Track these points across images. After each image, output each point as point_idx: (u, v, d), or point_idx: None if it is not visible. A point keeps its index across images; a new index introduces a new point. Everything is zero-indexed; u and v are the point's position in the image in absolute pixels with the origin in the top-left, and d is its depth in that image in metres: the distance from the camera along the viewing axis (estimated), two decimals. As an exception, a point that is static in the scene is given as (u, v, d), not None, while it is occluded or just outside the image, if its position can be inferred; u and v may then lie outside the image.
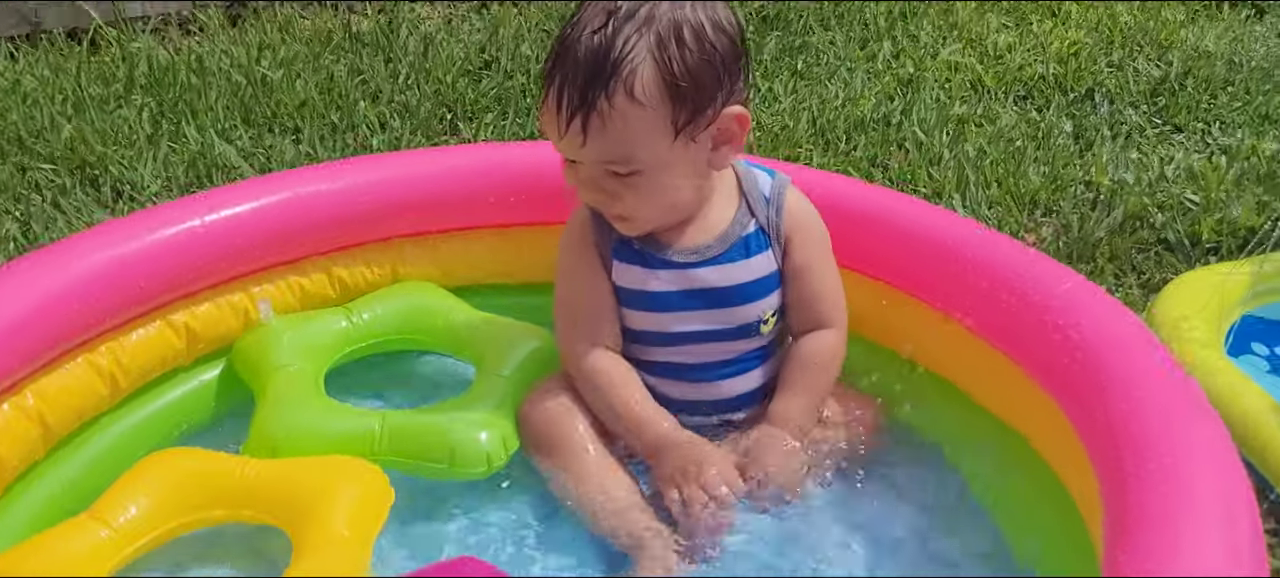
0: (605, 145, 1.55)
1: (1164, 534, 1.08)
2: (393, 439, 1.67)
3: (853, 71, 3.69)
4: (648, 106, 1.52)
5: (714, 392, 1.76)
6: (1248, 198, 2.64)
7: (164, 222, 1.76)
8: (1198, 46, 3.79)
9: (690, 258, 1.70)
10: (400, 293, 2.00)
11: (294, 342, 1.84)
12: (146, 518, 1.51)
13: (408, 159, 2.09)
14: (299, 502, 1.52)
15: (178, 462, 1.59)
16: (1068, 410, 1.43)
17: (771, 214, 1.73)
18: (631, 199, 1.61)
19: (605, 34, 1.52)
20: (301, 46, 3.89)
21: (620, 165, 1.57)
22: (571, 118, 1.52)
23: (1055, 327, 1.47)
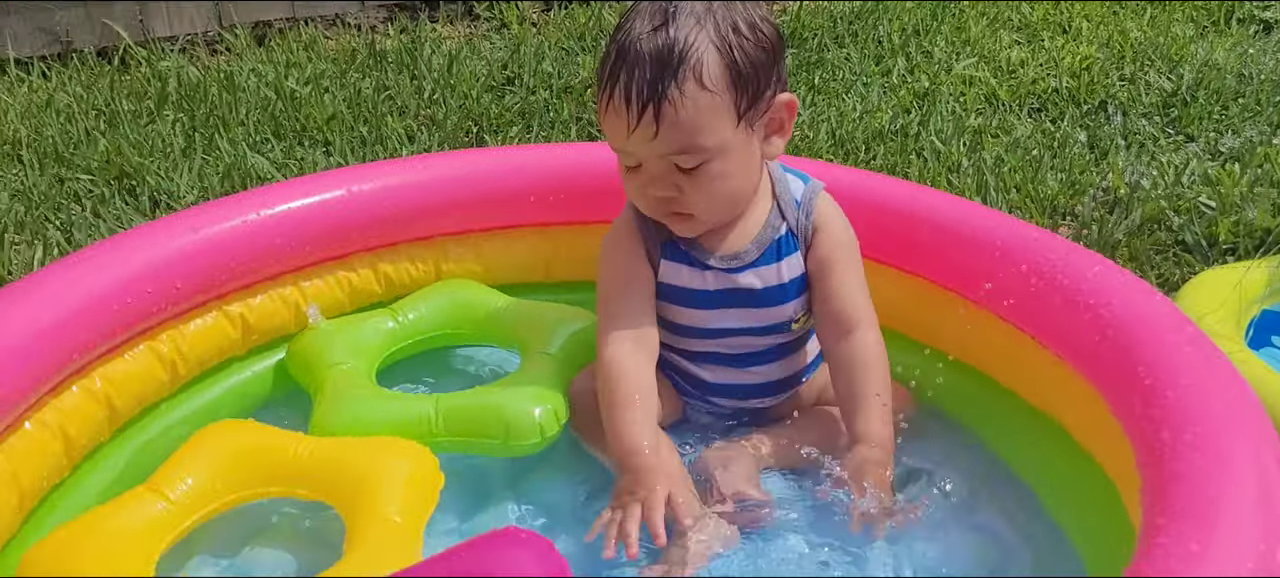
0: (676, 135, 1.59)
1: (1202, 500, 1.13)
2: (447, 420, 1.72)
3: (869, 86, 3.76)
4: (715, 93, 1.58)
5: (742, 377, 1.83)
6: (1263, 201, 2.70)
7: (228, 214, 1.82)
8: (1208, 60, 3.86)
9: (732, 263, 1.76)
10: (442, 290, 2.06)
11: (345, 342, 1.90)
12: (202, 491, 1.56)
13: (453, 160, 2.14)
14: (351, 482, 1.56)
15: (234, 436, 1.63)
16: (1102, 388, 1.47)
17: (801, 217, 1.78)
18: (696, 192, 1.64)
19: (666, 30, 1.58)
20: (327, 64, 3.97)
21: (689, 156, 1.61)
22: (643, 110, 1.57)
23: (1086, 306, 1.52)
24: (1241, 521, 1.08)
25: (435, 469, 1.63)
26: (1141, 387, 1.33)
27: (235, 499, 1.60)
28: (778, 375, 1.85)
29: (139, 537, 1.48)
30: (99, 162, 3.16)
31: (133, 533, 1.48)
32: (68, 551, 1.42)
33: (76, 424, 1.62)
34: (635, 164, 1.66)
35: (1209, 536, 1.05)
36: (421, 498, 1.58)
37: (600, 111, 1.65)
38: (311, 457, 1.61)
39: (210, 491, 1.57)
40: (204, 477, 1.57)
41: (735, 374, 1.83)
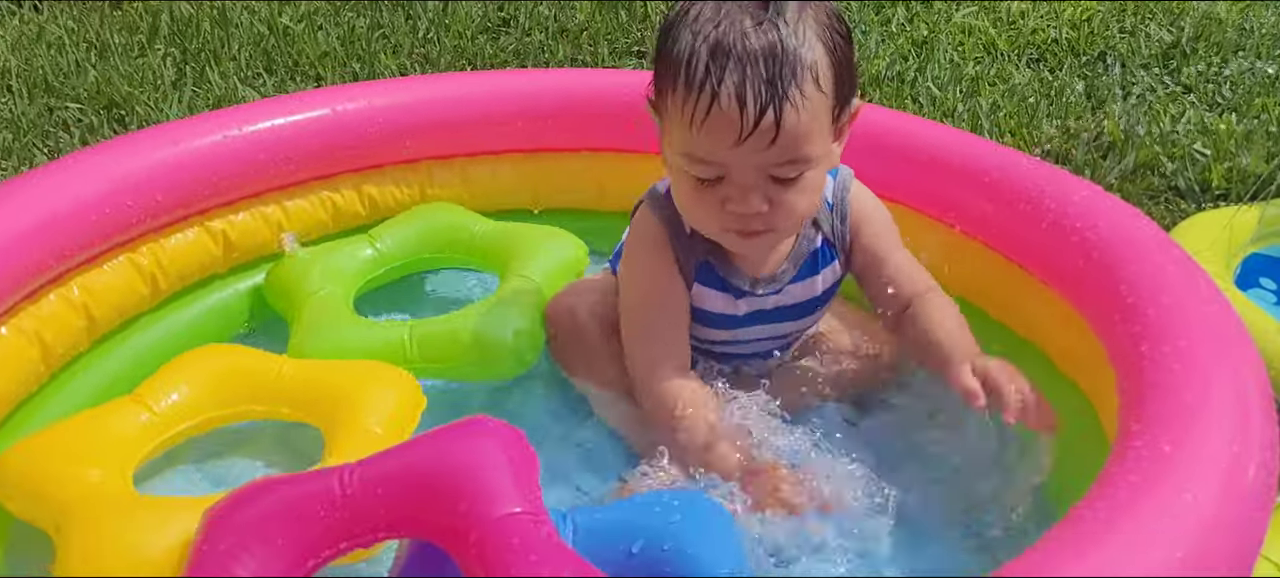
0: (792, 142, 1.43)
1: (1176, 407, 1.12)
2: (422, 346, 1.71)
3: (867, 33, 3.73)
4: (826, 95, 1.45)
5: (763, 355, 1.77)
6: (1257, 147, 2.68)
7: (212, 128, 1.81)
8: (1209, 13, 3.82)
9: (768, 288, 1.66)
10: (420, 214, 2.04)
11: (323, 269, 1.88)
12: (187, 406, 1.56)
13: (439, 82, 2.12)
14: (333, 401, 1.56)
15: (220, 357, 1.64)
16: (1083, 309, 1.47)
17: (836, 222, 1.68)
18: (784, 207, 1.49)
19: (776, 26, 1.43)
20: (322, 2, 3.94)
21: (793, 166, 1.46)
22: (761, 114, 1.40)
23: (1073, 230, 1.51)
24: (1214, 425, 1.08)
25: (417, 391, 1.62)
26: (1123, 304, 1.32)
27: (218, 416, 1.60)
28: (798, 338, 1.80)
29: (120, 443, 1.48)
30: (88, 92, 3.14)
31: (114, 438, 1.48)
32: (48, 449, 1.43)
33: (53, 331, 1.61)
34: (717, 177, 1.48)
35: (1181, 437, 1.05)
36: (403, 417, 1.57)
37: (687, 118, 1.44)
38: (294, 378, 1.61)
39: (194, 406, 1.58)
40: (188, 392, 1.58)
41: (757, 362, 1.77)
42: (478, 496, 1.12)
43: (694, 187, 1.50)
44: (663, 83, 1.50)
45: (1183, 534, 0.98)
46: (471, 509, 1.11)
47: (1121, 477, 1.02)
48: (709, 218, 1.52)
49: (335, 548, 1.16)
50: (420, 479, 1.15)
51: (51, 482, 1.37)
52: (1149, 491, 1.00)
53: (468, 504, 1.12)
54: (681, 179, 1.52)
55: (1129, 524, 0.97)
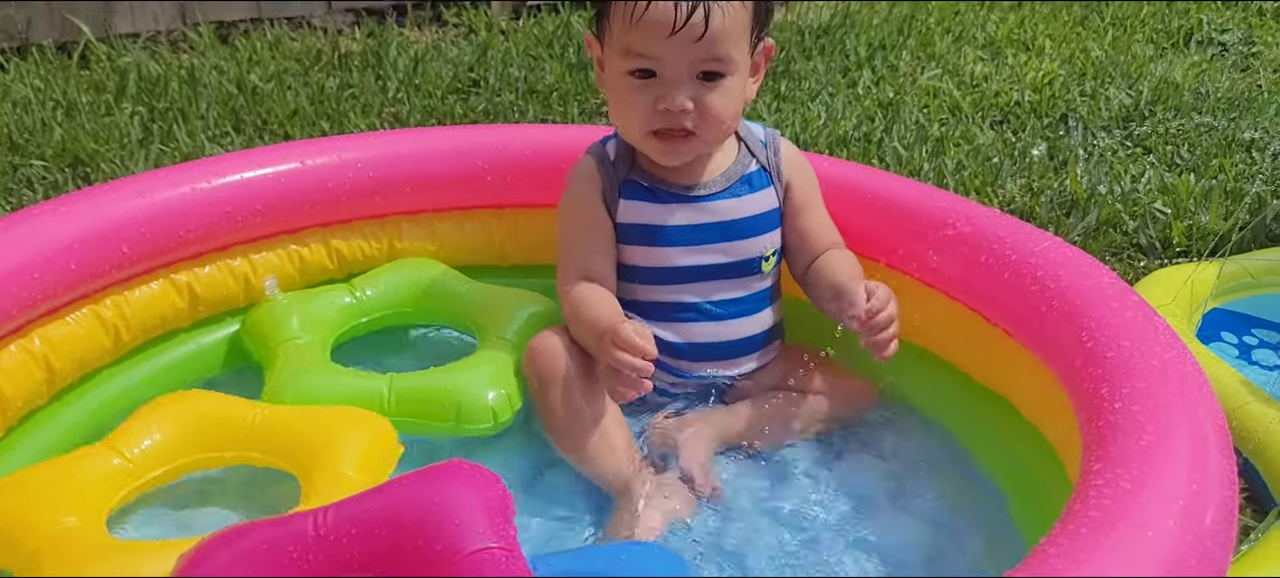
0: (717, 38, 1.64)
1: (1136, 447, 1.13)
2: (400, 400, 1.70)
3: (834, 96, 3.78)
4: (745, 9, 1.67)
5: (721, 332, 1.82)
6: (1215, 207, 2.74)
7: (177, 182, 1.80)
8: (1166, 78, 3.92)
9: (699, 192, 1.80)
10: (401, 268, 2.04)
11: (300, 316, 1.88)
12: (159, 452, 1.55)
13: (408, 137, 2.13)
14: (308, 447, 1.55)
15: (193, 402, 1.62)
16: (1045, 355, 1.48)
17: (770, 155, 1.86)
18: (709, 107, 1.68)
19: None
20: (291, 62, 3.96)
21: (718, 63, 1.67)
22: (692, 10, 1.62)
23: (1033, 278, 1.53)
24: (1173, 463, 1.09)
25: (393, 437, 1.61)
26: (1084, 350, 1.34)
27: (191, 462, 1.59)
28: (756, 328, 1.84)
29: (92, 489, 1.47)
30: (54, 150, 3.12)
31: (86, 484, 1.47)
32: (18, 494, 1.41)
33: (14, 383, 1.59)
34: (650, 72, 1.68)
35: (1142, 475, 1.05)
36: (379, 463, 1.56)
37: (627, 17, 1.65)
38: (268, 423, 1.60)
39: (167, 452, 1.56)
40: (161, 438, 1.57)
41: (712, 330, 1.81)
42: (451, 532, 1.12)
43: (629, 87, 1.70)
44: (604, 4, 1.70)
45: (1144, 568, 0.98)
46: (445, 546, 1.11)
47: (1083, 513, 1.02)
48: (640, 116, 1.71)
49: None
50: (394, 518, 1.14)
51: (22, 527, 1.35)
52: (1110, 526, 1.00)
53: (442, 542, 1.11)
54: (618, 83, 1.72)
55: (1091, 559, 0.97)
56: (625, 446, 1.67)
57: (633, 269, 1.82)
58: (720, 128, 1.73)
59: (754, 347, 1.85)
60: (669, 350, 1.82)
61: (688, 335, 1.82)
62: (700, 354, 1.83)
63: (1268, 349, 2.26)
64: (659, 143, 1.73)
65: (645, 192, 1.80)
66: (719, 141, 1.79)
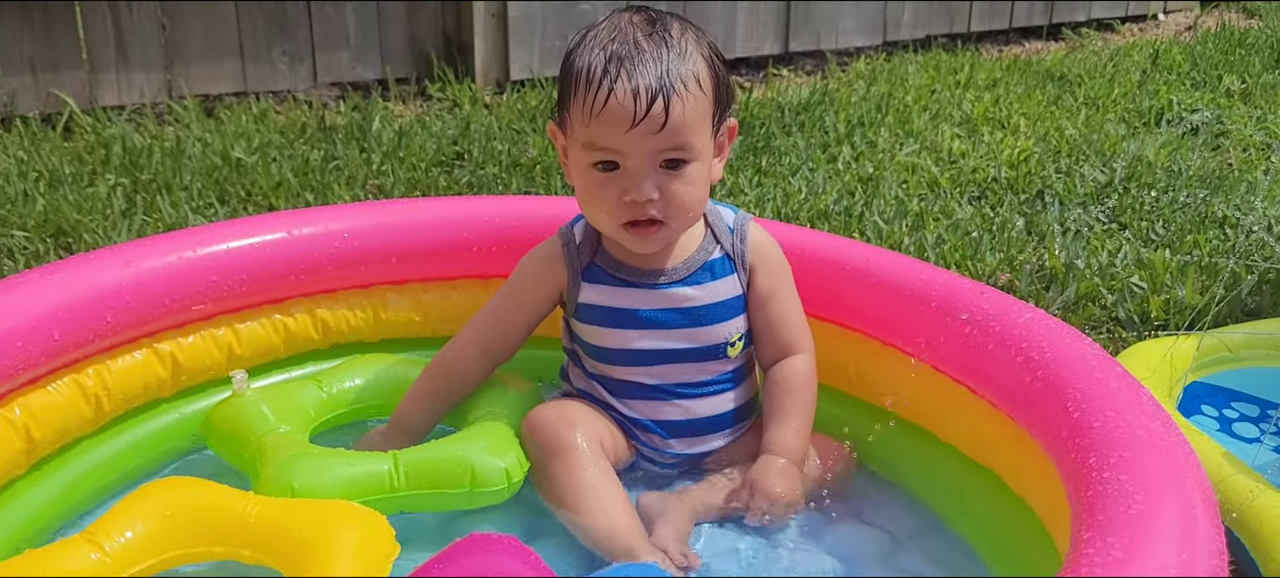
0: (678, 128, 1.64)
1: (1126, 515, 1.14)
2: (409, 474, 1.66)
3: (815, 171, 3.83)
4: (705, 95, 1.67)
5: (687, 411, 1.82)
6: (1192, 281, 2.77)
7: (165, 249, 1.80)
8: (1140, 156, 3.99)
9: (657, 279, 1.80)
10: (368, 366, 1.98)
11: (275, 407, 1.82)
12: (142, 546, 1.48)
13: (395, 208, 2.14)
14: (300, 545, 1.49)
15: (179, 492, 1.55)
16: (1031, 426, 1.49)
17: (736, 243, 1.85)
18: (675, 195, 1.68)
19: (662, 34, 1.67)
20: (276, 135, 3.98)
21: (681, 151, 1.66)
22: (652, 100, 1.62)
23: (1017, 350, 1.54)
24: (1163, 531, 1.09)
25: (390, 536, 1.54)
26: (1070, 420, 1.35)
27: (176, 557, 1.52)
28: (722, 408, 1.84)
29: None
30: (36, 220, 3.11)
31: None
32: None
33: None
34: (613, 164, 1.68)
35: (1133, 544, 1.06)
36: (375, 562, 1.50)
37: (587, 111, 1.65)
38: (260, 518, 1.53)
39: (149, 546, 1.49)
40: (144, 531, 1.49)
41: (677, 409, 1.82)
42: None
43: (594, 180, 1.70)
44: (565, 94, 1.70)
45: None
46: None
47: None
48: (607, 209, 1.71)
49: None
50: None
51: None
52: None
53: None
54: (583, 175, 1.71)
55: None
56: (626, 510, 1.66)
57: (594, 347, 1.84)
58: (688, 214, 1.73)
59: (722, 425, 1.86)
60: (633, 426, 1.83)
61: (653, 414, 1.83)
62: (668, 431, 1.84)
63: (1248, 422, 2.28)
64: (630, 234, 1.73)
65: (607, 276, 1.81)
66: (689, 227, 1.78)
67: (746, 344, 1.86)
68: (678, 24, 1.70)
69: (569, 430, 1.72)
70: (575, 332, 1.87)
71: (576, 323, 1.85)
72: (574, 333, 1.88)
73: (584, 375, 1.88)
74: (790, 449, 1.77)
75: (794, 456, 1.77)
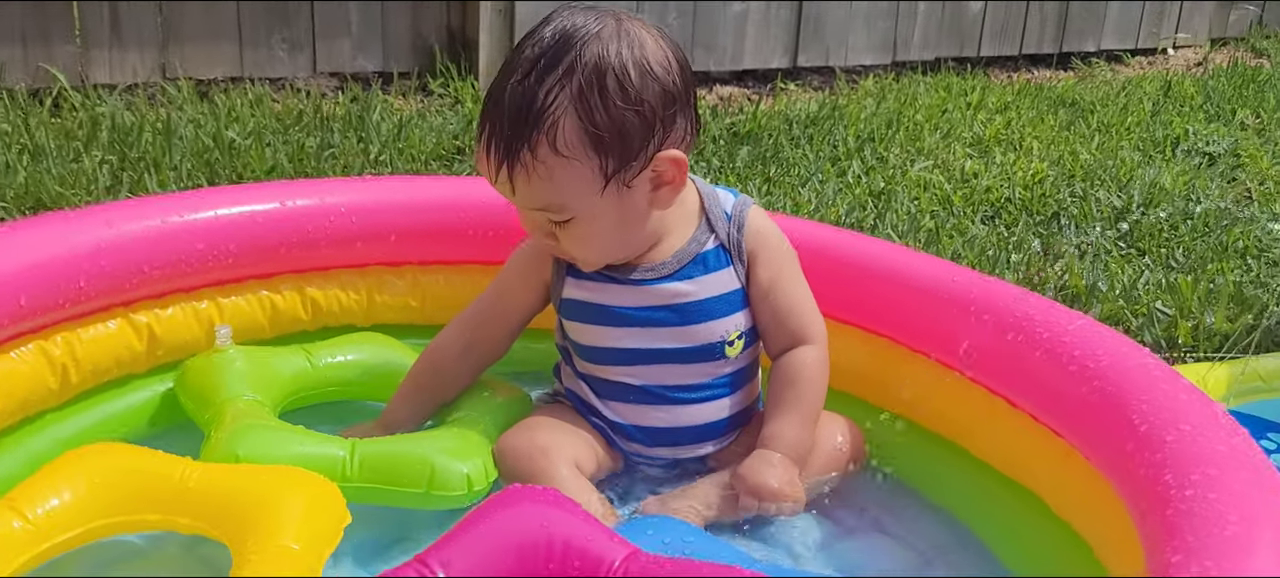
0: (533, 194, 1.54)
1: (1223, 531, 1.02)
2: (364, 465, 1.55)
3: (824, 183, 3.72)
4: (572, 159, 1.51)
5: (675, 417, 1.69)
6: (1221, 308, 2.66)
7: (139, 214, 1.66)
8: (1155, 183, 3.89)
9: (645, 275, 1.67)
10: (362, 344, 1.89)
11: (249, 373, 1.72)
12: (68, 514, 1.36)
13: (398, 183, 2.01)
14: (242, 513, 1.37)
15: (110, 456, 1.44)
16: (1082, 441, 1.37)
17: (732, 231, 1.70)
18: (569, 243, 1.60)
19: (527, 84, 1.50)
20: (271, 120, 3.85)
21: (553, 213, 1.56)
22: (499, 167, 1.53)
23: (1071, 359, 1.42)
24: (1266, 554, 0.97)
25: (341, 505, 1.44)
26: (1137, 434, 1.22)
27: (105, 526, 1.40)
28: (716, 415, 1.72)
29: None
30: (16, 192, 2.97)
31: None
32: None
33: (-54, 421, 1.43)
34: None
35: (1235, 567, 0.94)
36: (324, 532, 1.39)
37: (475, 149, 1.59)
38: (198, 484, 1.42)
39: (76, 514, 1.37)
40: (70, 498, 1.37)
41: (665, 415, 1.69)
42: (584, 553, 1.11)
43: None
44: None
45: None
46: (584, 564, 1.11)
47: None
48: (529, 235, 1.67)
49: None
50: (521, 557, 1.10)
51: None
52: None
53: (579, 560, 1.11)
54: None
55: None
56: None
57: (581, 346, 1.72)
58: (602, 256, 1.64)
59: (714, 433, 1.73)
60: (618, 431, 1.71)
61: (638, 419, 1.70)
62: (653, 439, 1.71)
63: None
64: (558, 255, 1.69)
65: (593, 271, 1.69)
66: (619, 258, 1.66)
67: (748, 343, 1.72)
68: (568, 59, 1.49)
69: (542, 456, 1.59)
70: (565, 329, 1.75)
71: (564, 320, 1.74)
72: (564, 332, 1.76)
73: (573, 375, 1.76)
74: (788, 444, 1.63)
75: (791, 450, 1.63)
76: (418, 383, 1.76)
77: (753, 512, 1.60)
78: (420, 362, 1.78)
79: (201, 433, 1.64)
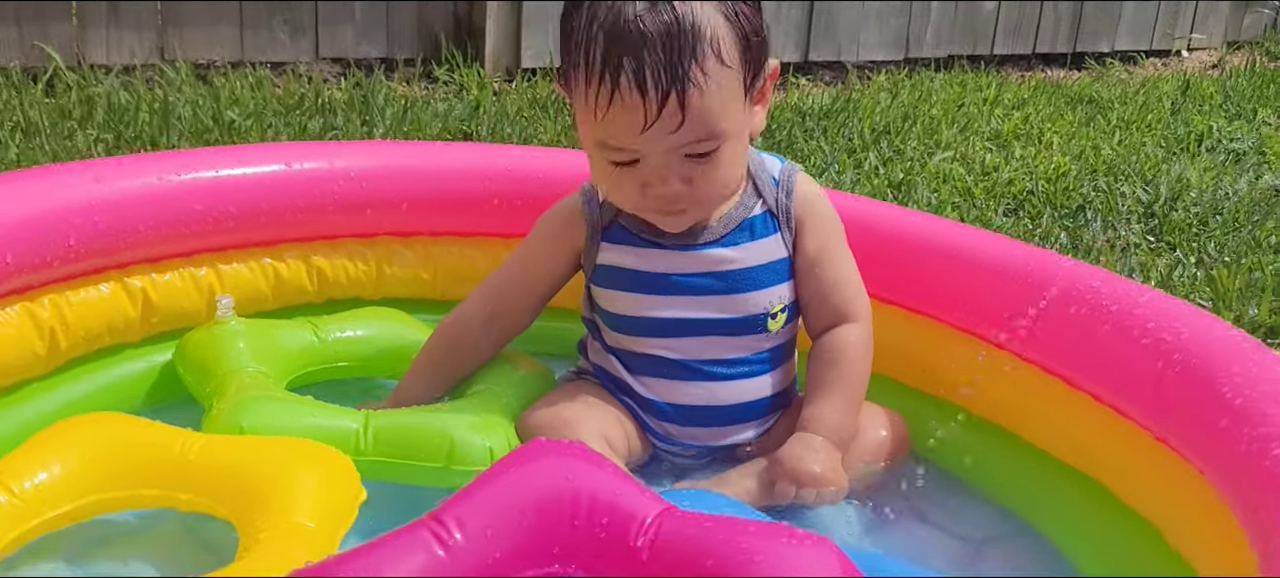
0: (703, 118, 1.40)
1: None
2: (379, 438, 1.45)
3: (841, 173, 3.62)
4: (733, 68, 1.41)
5: (712, 394, 1.58)
6: (1266, 300, 2.56)
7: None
8: (1182, 177, 3.79)
9: (688, 239, 1.56)
10: (374, 318, 1.79)
11: (254, 346, 1.61)
12: (58, 488, 1.25)
13: (411, 149, 1.90)
14: (250, 487, 1.27)
15: (104, 427, 1.33)
16: (1160, 421, 1.26)
17: (781, 196, 1.59)
18: (705, 182, 1.46)
19: (663, 6, 1.38)
20: (273, 102, 3.74)
21: (707, 141, 1.42)
22: (664, 98, 1.38)
23: (1145, 332, 1.31)
24: None
25: (355, 479, 1.34)
26: (1232, 409, 1.11)
27: (98, 502, 1.29)
28: (756, 394, 1.60)
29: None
30: (8, 166, 2.86)
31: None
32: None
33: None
34: (632, 160, 1.45)
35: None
36: (339, 508, 1.28)
37: (592, 107, 1.42)
38: (200, 456, 1.31)
39: (67, 489, 1.27)
40: (61, 471, 1.27)
41: (702, 392, 1.57)
42: (614, 508, 1.02)
43: (612, 172, 1.48)
44: (566, 70, 1.47)
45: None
46: (613, 520, 1.01)
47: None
48: (629, 199, 1.50)
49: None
50: (542, 513, 1.01)
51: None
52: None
53: (608, 515, 1.02)
54: (597, 162, 1.49)
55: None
56: None
57: (614, 316, 1.60)
58: (722, 196, 1.52)
59: (753, 414, 1.61)
60: (651, 410, 1.59)
61: (673, 396, 1.59)
62: (687, 418, 1.59)
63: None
64: (659, 216, 1.52)
65: (631, 236, 1.59)
66: (724, 199, 1.55)
67: (790, 317, 1.61)
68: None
69: (567, 430, 1.48)
70: (595, 299, 1.64)
71: (596, 289, 1.62)
72: (594, 301, 1.65)
73: (602, 349, 1.64)
74: (830, 427, 1.52)
75: (833, 434, 1.52)
76: (434, 357, 1.66)
77: (790, 499, 1.48)
78: (437, 334, 1.68)
79: (202, 409, 1.53)
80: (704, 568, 0.98)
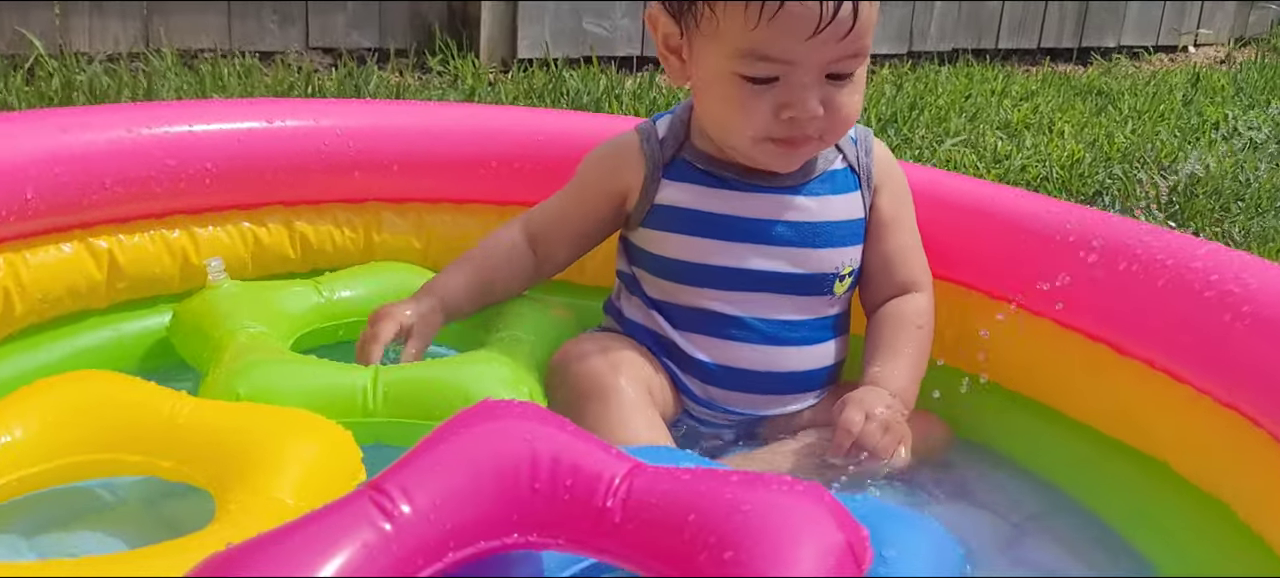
0: (863, 32, 1.37)
1: None
2: (388, 395, 1.34)
3: (850, 159, 3.51)
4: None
5: (768, 360, 1.46)
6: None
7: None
8: (1200, 163, 3.69)
9: (761, 181, 1.46)
10: (379, 271, 1.68)
11: (254, 306, 1.50)
12: (31, 447, 1.14)
13: (403, 109, 1.78)
14: (233, 457, 1.15)
15: (88, 385, 1.21)
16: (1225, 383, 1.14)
17: (861, 155, 1.53)
18: (840, 104, 1.40)
19: None
20: (262, 91, 3.62)
21: (856, 58, 1.39)
22: (838, 5, 1.33)
23: (1208, 284, 1.18)
24: None
25: (355, 456, 1.21)
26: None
27: (73, 465, 1.17)
28: (811, 363, 1.49)
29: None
30: (-19, 148, 2.73)
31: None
32: None
33: None
34: (773, 78, 1.37)
35: None
36: (328, 485, 1.15)
37: (756, 13, 1.33)
38: (189, 421, 1.19)
39: (38, 449, 1.15)
40: (33, 431, 1.15)
41: (756, 355, 1.46)
42: (578, 470, 0.91)
43: (742, 92, 1.39)
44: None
45: None
46: (580, 482, 0.91)
47: None
48: (757, 124, 1.40)
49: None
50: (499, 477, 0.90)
51: None
52: None
53: (572, 477, 0.91)
54: (726, 84, 1.39)
55: None
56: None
57: (666, 261, 1.48)
58: (847, 127, 1.45)
59: (805, 385, 1.50)
60: (696, 371, 1.47)
61: (724, 356, 1.47)
62: (734, 382, 1.47)
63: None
64: (777, 149, 1.43)
65: (698, 173, 1.48)
66: (838, 138, 1.48)
67: (851, 286, 1.53)
68: None
69: (613, 371, 1.38)
70: (640, 247, 1.52)
71: (646, 232, 1.50)
72: (637, 252, 1.53)
73: (642, 305, 1.52)
74: (899, 387, 1.42)
75: (904, 396, 1.42)
76: (474, 263, 1.56)
77: (843, 455, 1.35)
78: (475, 250, 1.58)
79: (188, 380, 1.42)
80: (686, 524, 0.86)
